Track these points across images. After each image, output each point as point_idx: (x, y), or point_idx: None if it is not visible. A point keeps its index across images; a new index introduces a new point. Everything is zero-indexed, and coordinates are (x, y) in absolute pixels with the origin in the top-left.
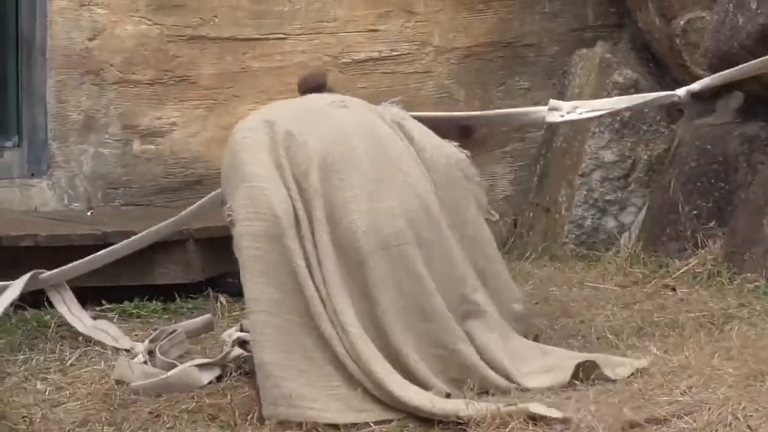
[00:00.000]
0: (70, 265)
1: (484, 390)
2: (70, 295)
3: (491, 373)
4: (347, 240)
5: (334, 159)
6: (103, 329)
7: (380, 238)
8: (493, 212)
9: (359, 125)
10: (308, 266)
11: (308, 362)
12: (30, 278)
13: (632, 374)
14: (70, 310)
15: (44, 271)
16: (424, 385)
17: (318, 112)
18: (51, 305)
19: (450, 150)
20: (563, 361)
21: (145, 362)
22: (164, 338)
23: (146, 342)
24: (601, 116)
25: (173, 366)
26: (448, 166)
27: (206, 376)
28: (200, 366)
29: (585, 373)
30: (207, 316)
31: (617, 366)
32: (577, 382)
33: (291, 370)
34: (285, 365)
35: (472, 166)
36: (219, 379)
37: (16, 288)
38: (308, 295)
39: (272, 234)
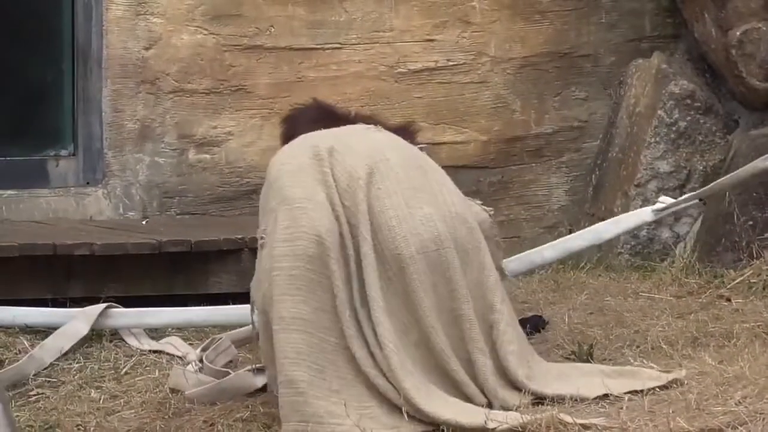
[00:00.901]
0: (147, 309)
1: (538, 400)
2: (139, 330)
3: (476, 392)
4: (387, 246)
5: (372, 170)
6: (170, 342)
7: (420, 243)
8: (507, 273)
9: (392, 141)
10: (348, 283)
11: (340, 382)
12: (101, 314)
13: (682, 384)
14: (138, 339)
15: (117, 305)
16: (462, 390)
17: (352, 134)
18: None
19: (474, 208)
20: (589, 376)
21: (199, 370)
22: (212, 347)
23: (198, 351)
24: None
25: (221, 373)
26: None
27: (260, 380)
28: (254, 370)
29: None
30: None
31: (649, 380)
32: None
33: (323, 389)
34: (318, 384)
35: (494, 226)
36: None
37: (82, 322)
38: (344, 317)
39: (312, 254)
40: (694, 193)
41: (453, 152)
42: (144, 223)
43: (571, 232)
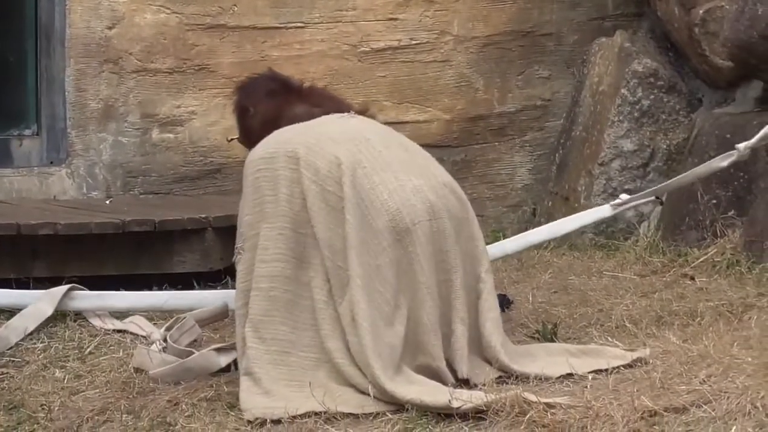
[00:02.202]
0: (111, 292)
1: (504, 378)
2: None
3: (442, 365)
4: (381, 220)
5: (354, 152)
6: (134, 322)
7: (414, 213)
8: None
9: (369, 124)
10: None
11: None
12: (65, 295)
13: (646, 363)
14: (102, 319)
15: (80, 287)
16: (434, 366)
17: (326, 123)
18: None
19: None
20: (554, 355)
21: (163, 349)
22: (176, 326)
23: (162, 330)
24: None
25: (186, 353)
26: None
27: (224, 359)
28: (218, 350)
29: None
30: (222, 303)
31: (614, 358)
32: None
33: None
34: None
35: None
36: (237, 365)
37: (47, 303)
38: (323, 333)
39: (290, 275)
40: (651, 190)
41: (416, 131)
42: (108, 202)
43: (534, 211)
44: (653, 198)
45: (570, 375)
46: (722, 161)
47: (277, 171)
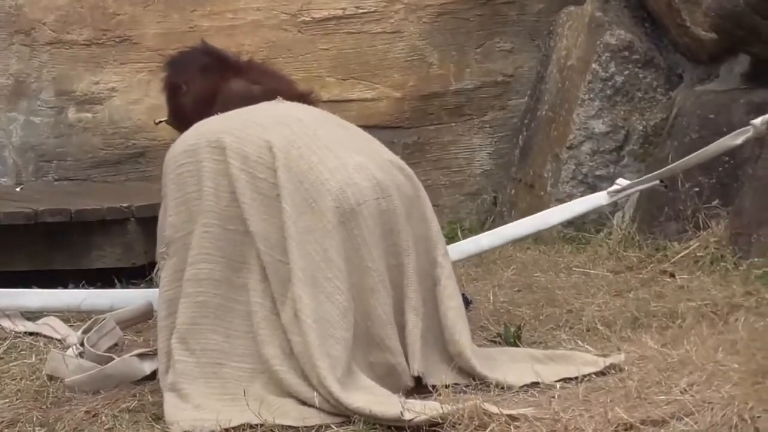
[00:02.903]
0: (22, 291)
1: (461, 386)
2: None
3: (402, 362)
4: (324, 201)
5: (286, 134)
6: (48, 323)
7: (358, 193)
8: None
9: (301, 107)
10: (266, 279)
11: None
12: None
13: (621, 370)
14: (12, 320)
15: None
16: (392, 361)
17: (254, 111)
18: None
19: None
20: (518, 362)
21: (80, 354)
22: (94, 329)
23: (79, 332)
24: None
25: (105, 359)
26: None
27: (148, 366)
28: (141, 355)
29: (545, 375)
30: (145, 302)
31: (584, 365)
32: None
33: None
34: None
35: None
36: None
37: None
38: (259, 339)
39: (219, 277)
40: (654, 174)
41: (363, 110)
42: (18, 189)
43: (495, 199)
44: (657, 182)
45: (536, 383)
46: (735, 139)
47: (201, 163)
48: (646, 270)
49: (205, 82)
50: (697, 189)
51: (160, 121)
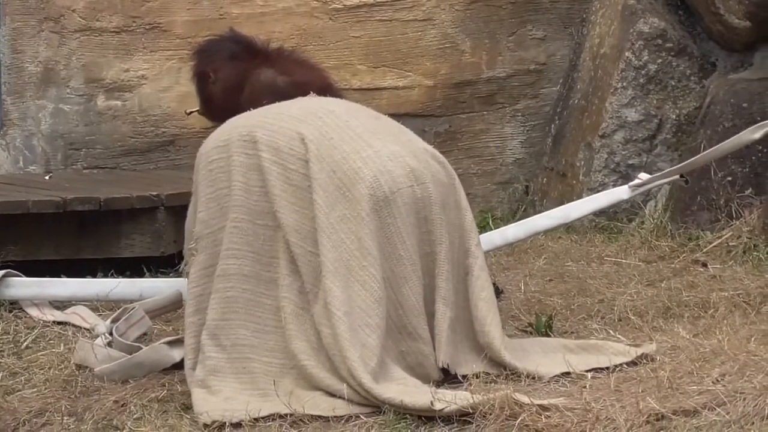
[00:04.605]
0: (50, 279)
1: (492, 375)
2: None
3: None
4: (358, 190)
5: (317, 125)
6: (77, 312)
7: (392, 181)
8: None
9: (331, 100)
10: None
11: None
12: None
13: (653, 360)
14: (40, 309)
15: (16, 273)
16: (422, 350)
17: (283, 106)
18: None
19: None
20: (549, 352)
21: (109, 344)
22: (123, 318)
23: (108, 322)
24: None
25: (133, 348)
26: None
27: (178, 353)
28: (170, 343)
29: (575, 364)
30: (175, 291)
31: (616, 355)
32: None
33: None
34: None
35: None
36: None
37: None
38: (288, 334)
39: (248, 272)
40: (675, 167)
41: (394, 98)
42: (47, 178)
43: (527, 188)
44: (677, 177)
45: (567, 373)
46: (754, 133)
47: (231, 158)
48: (678, 260)
49: (233, 71)
50: (730, 178)
51: (191, 112)
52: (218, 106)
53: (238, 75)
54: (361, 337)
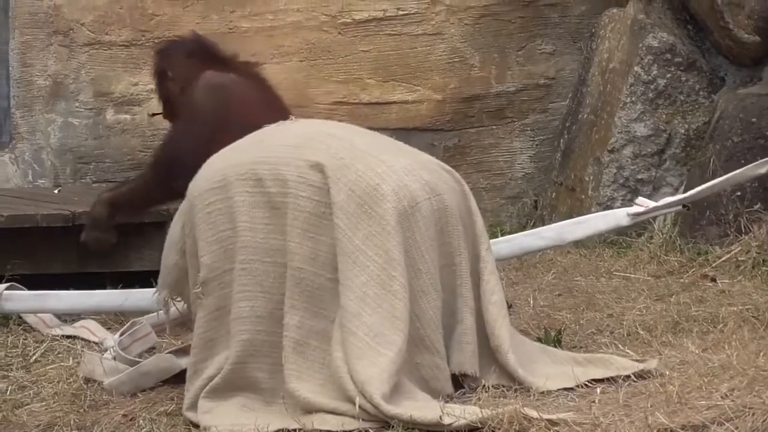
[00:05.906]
0: (50, 292)
1: (502, 390)
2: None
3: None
4: (379, 206)
5: (322, 150)
6: (85, 326)
7: (410, 195)
8: None
9: (322, 123)
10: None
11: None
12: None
13: (661, 375)
14: (48, 324)
15: (20, 287)
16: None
17: (277, 133)
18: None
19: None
20: (558, 364)
21: (116, 357)
22: (128, 332)
23: (116, 335)
24: None
25: (135, 363)
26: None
27: (185, 361)
28: (176, 352)
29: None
30: (184, 306)
31: (624, 369)
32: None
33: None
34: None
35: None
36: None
37: None
38: (287, 373)
39: (261, 314)
40: (678, 198)
41: (403, 113)
42: (56, 191)
43: (536, 203)
44: (680, 207)
45: (575, 387)
46: (761, 168)
47: (233, 199)
48: (687, 274)
49: (188, 69)
50: (739, 193)
51: (155, 114)
52: (176, 105)
53: (192, 73)
54: (380, 357)
